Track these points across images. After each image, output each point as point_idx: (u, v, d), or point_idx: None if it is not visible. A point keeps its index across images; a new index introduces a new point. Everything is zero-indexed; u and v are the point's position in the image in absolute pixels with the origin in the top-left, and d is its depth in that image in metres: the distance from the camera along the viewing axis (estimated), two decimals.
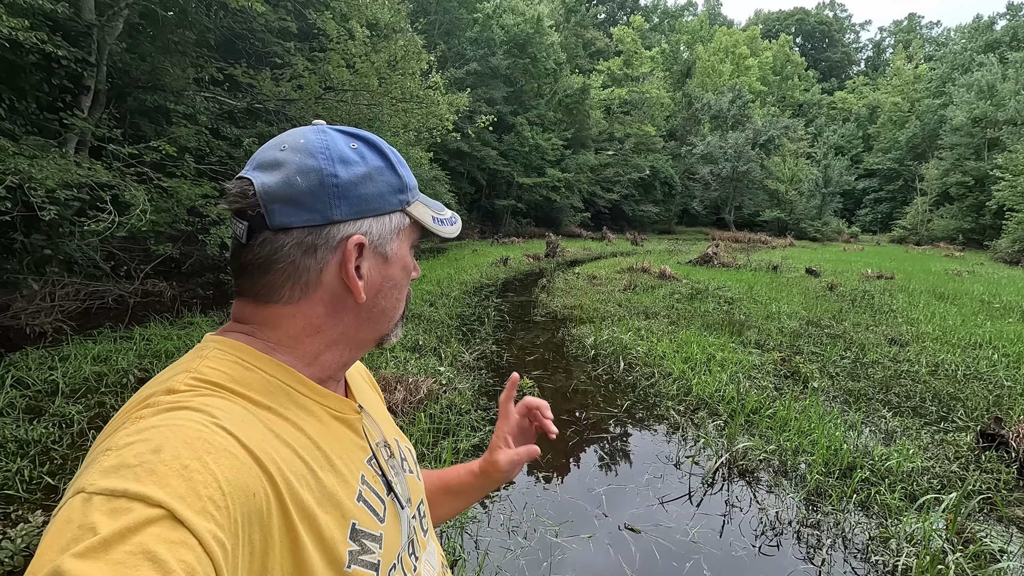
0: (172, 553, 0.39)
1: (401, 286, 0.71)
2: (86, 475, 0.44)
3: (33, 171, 4.91)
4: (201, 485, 0.44)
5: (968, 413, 4.62)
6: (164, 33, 9.49)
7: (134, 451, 0.45)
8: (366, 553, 0.59)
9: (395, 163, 0.69)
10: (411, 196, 0.70)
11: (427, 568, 0.73)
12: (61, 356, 4.99)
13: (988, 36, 52.14)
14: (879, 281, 13.40)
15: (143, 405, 0.54)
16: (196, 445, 0.47)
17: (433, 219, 0.73)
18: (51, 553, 0.38)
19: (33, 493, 2.91)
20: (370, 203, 0.65)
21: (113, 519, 0.39)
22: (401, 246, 0.69)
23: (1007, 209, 25.58)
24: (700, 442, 3.90)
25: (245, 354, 0.62)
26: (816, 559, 2.73)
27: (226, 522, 0.45)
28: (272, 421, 0.58)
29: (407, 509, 0.70)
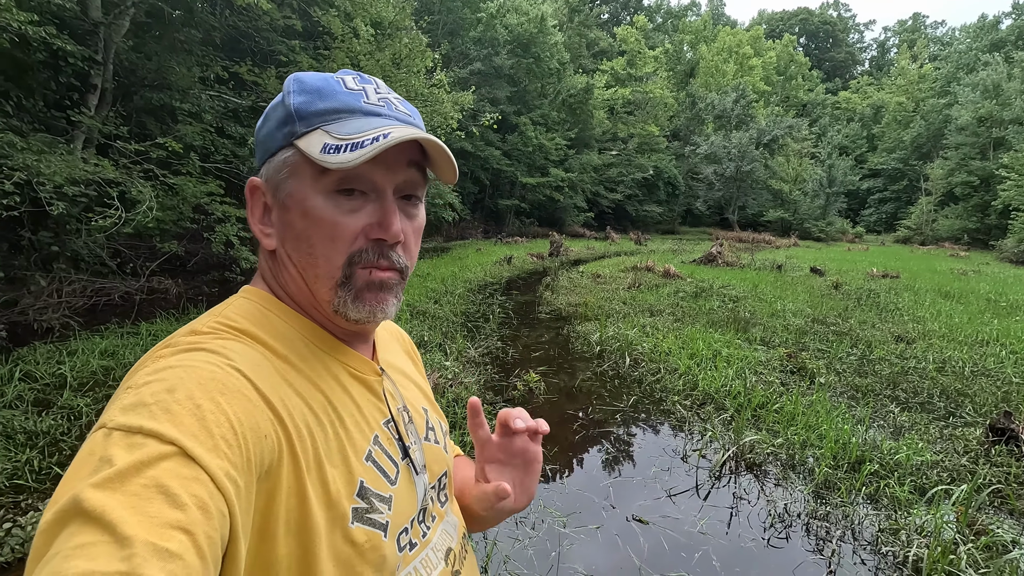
0: (184, 488, 0.40)
1: (307, 238, 0.60)
2: (108, 411, 0.46)
3: (41, 166, 4.93)
4: (213, 424, 0.45)
5: (976, 409, 4.60)
6: (170, 32, 9.53)
7: (151, 390, 0.46)
8: (374, 512, 0.58)
9: (287, 92, 0.61)
10: (301, 126, 0.59)
11: (443, 537, 0.71)
12: (69, 351, 5.02)
13: (993, 35, 51.92)
14: (884, 280, 13.35)
15: (165, 345, 0.56)
16: (210, 386, 0.48)
17: (324, 147, 0.57)
18: (73, 481, 0.39)
19: (43, 483, 2.92)
20: (264, 144, 0.63)
21: (129, 453, 0.40)
22: (298, 187, 0.59)
23: (1013, 209, 25.46)
24: (707, 435, 3.88)
25: (267, 302, 0.64)
26: (826, 551, 2.71)
27: (239, 460, 0.46)
28: (286, 371, 0.58)
29: (423, 476, 0.69)
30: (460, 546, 0.75)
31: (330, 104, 0.59)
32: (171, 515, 0.38)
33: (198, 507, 0.40)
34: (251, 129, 11.87)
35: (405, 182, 0.62)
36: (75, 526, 0.36)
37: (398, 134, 0.55)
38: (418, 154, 0.62)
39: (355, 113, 0.60)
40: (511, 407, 0.78)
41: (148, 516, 0.37)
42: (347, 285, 0.61)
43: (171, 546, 0.37)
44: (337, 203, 0.59)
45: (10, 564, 2.30)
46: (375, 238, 0.60)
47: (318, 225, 0.59)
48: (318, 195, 0.59)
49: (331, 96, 0.60)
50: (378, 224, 0.60)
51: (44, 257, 7.18)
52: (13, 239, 7.13)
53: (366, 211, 0.60)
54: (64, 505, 0.37)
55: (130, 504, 0.37)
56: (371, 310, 0.62)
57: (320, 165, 0.57)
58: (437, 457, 0.75)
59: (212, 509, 0.41)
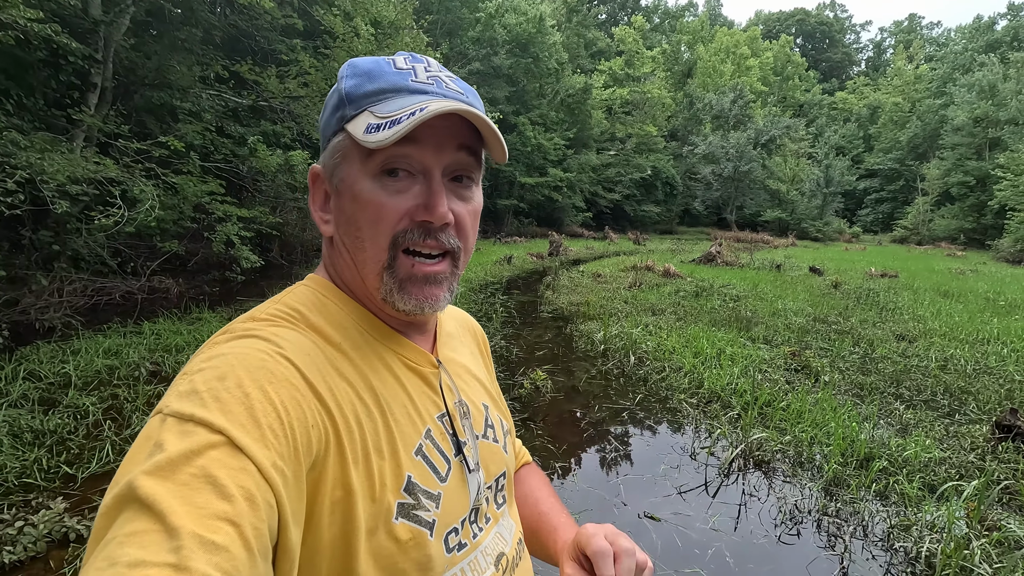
0: (232, 478, 0.41)
1: (355, 222, 0.59)
2: (166, 397, 0.47)
3: (45, 165, 4.91)
4: (261, 414, 0.46)
5: (980, 406, 4.62)
6: (170, 30, 9.50)
7: (203, 377, 0.47)
8: (420, 509, 0.57)
9: (340, 77, 0.61)
10: (350, 109, 0.59)
11: (496, 541, 0.69)
12: (72, 350, 5.00)
13: (989, 36, 52.16)
14: (883, 279, 13.40)
15: (223, 331, 0.57)
16: (258, 374, 0.48)
17: (367, 128, 0.56)
18: (130, 465, 0.42)
19: (52, 482, 2.91)
20: (323, 132, 0.63)
21: (180, 440, 0.42)
22: (349, 172, 0.59)
23: (1009, 209, 25.58)
24: (716, 433, 3.89)
25: (325, 290, 0.65)
26: (837, 547, 2.72)
27: (286, 450, 0.46)
28: (338, 359, 0.58)
29: (477, 474, 0.67)
30: (514, 551, 0.72)
31: (378, 85, 0.59)
32: (218, 506, 0.39)
33: (245, 498, 0.40)
34: (250, 128, 11.84)
35: (455, 163, 0.60)
36: (130, 512, 0.38)
37: (435, 107, 0.54)
38: (471, 138, 0.61)
39: (401, 92, 0.58)
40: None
41: (196, 507, 0.38)
42: (392, 270, 0.60)
43: (217, 538, 0.37)
44: (383, 184, 0.58)
45: (23, 563, 2.29)
46: (421, 220, 0.59)
47: (364, 208, 0.59)
48: (365, 178, 0.58)
49: (379, 77, 0.59)
50: (423, 205, 0.58)
51: (45, 256, 7.14)
52: (14, 238, 7.10)
53: (412, 192, 0.59)
54: (121, 490, 0.39)
55: (179, 494, 0.39)
56: (418, 303, 0.61)
57: (366, 147, 0.56)
58: (495, 456, 0.73)
59: (259, 500, 0.41)
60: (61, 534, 2.43)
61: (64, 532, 2.43)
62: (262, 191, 11.18)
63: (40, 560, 2.32)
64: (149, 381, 4.40)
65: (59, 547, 2.40)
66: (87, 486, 2.90)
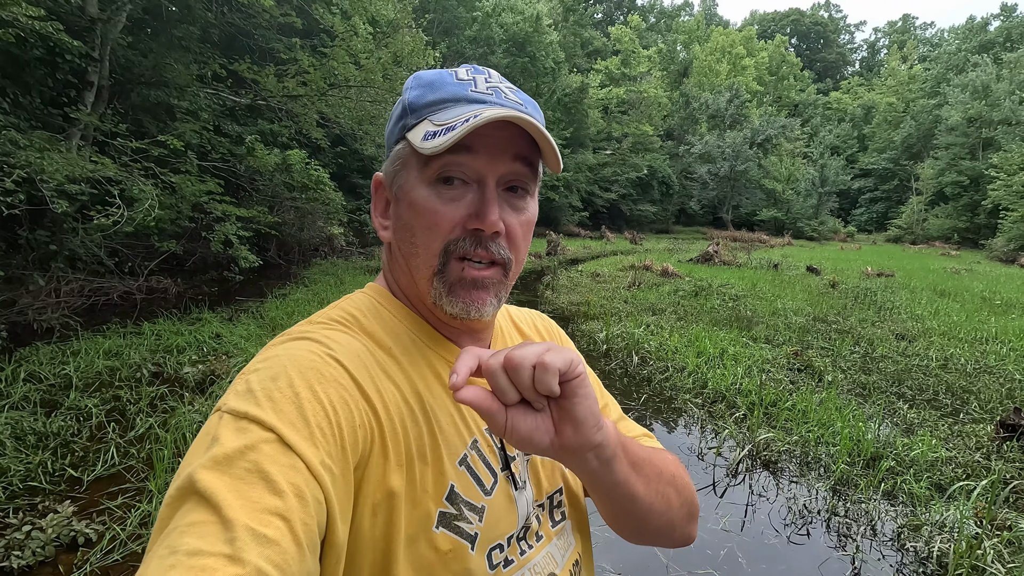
0: (283, 475, 0.42)
1: (410, 228, 0.60)
2: (225, 396, 0.50)
3: (45, 164, 4.86)
4: (310, 412, 0.47)
5: (982, 405, 4.65)
6: (167, 28, 9.43)
7: (258, 377, 0.50)
8: (461, 520, 0.57)
9: (406, 88, 0.63)
10: (412, 119, 0.60)
11: (547, 561, 0.66)
12: (72, 351, 4.95)
13: (982, 37, 52.53)
14: (880, 279, 13.48)
15: (282, 334, 0.60)
16: (308, 375, 0.50)
17: (425, 135, 0.57)
18: (191, 459, 0.44)
19: (57, 484, 2.88)
20: (388, 140, 0.65)
21: (235, 437, 0.44)
22: (407, 179, 0.61)
23: (1002, 208, 25.79)
24: (724, 432, 3.89)
25: (381, 297, 0.66)
26: (848, 547, 2.73)
27: (334, 449, 0.48)
28: (388, 363, 0.59)
29: (525, 491, 0.65)
30: (567, 573, 0.69)
31: (439, 95, 0.60)
32: (270, 501, 0.41)
33: (295, 494, 0.42)
34: (248, 127, 11.80)
35: (510, 173, 0.60)
36: (190, 503, 0.40)
37: (489, 114, 0.54)
38: (528, 148, 0.60)
39: (460, 101, 0.59)
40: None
41: (249, 500, 0.40)
42: (442, 275, 0.60)
43: (269, 532, 0.39)
44: (438, 192, 0.59)
45: (31, 567, 2.26)
46: (472, 228, 0.59)
47: (419, 214, 0.59)
48: (422, 185, 0.59)
49: (441, 87, 0.60)
50: (475, 214, 0.58)
51: (41, 256, 7.07)
52: (10, 238, 7.03)
53: (466, 201, 0.59)
54: (182, 482, 0.42)
55: (234, 487, 0.41)
56: (465, 307, 0.60)
57: (424, 154, 0.57)
58: (550, 472, 0.71)
59: (308, 496, 0.43)
60: (69, 538, 2.40)
61: (73, 536, 2.40)
62: (260, 190, 11.13)
63: (49, 564, 2.29)
64: (151, 382, 4.37)
65: (68, 551, 2.37)
66: (94, 489, 2.87)
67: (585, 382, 0.48)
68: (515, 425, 0.47)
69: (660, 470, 0.65)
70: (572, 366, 0.47)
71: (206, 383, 4.36)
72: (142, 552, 2.38)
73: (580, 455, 0.51)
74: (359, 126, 11.28)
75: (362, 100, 10.57)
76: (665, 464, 0.68)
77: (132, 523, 2.52)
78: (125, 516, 2.60)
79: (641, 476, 0.60)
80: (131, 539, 2.44)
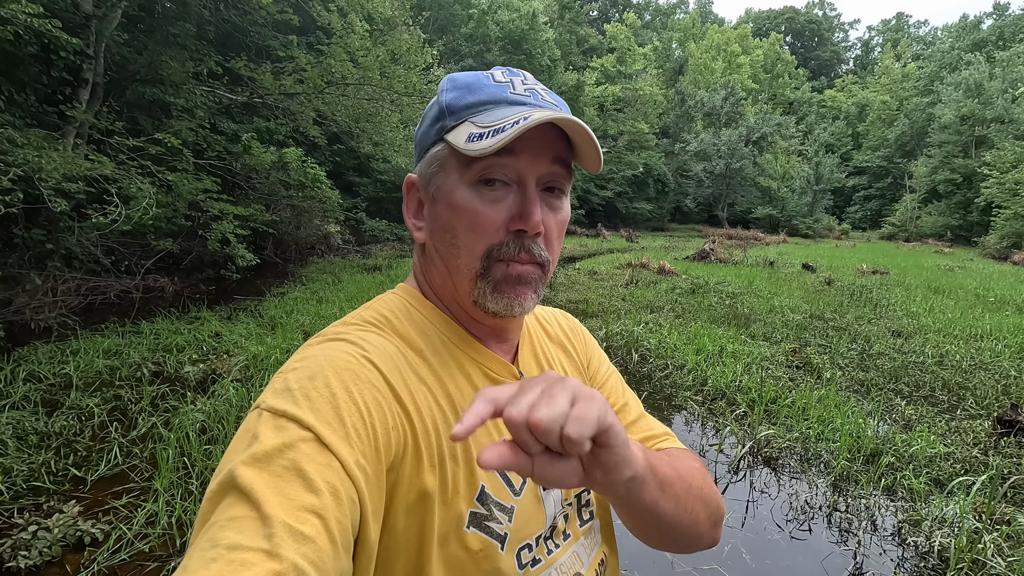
0: (319, 473, 0.43)
1: (451, 229, 0.61)
2: (264, 393, 0.51)
3: (43, 162, 4.82)
4: (346, 413, 0.48)
5: (978, 401, 4.69)
6: (163, 25, 9.37)
7: (296, 376, 0.51)
8: (492, 520, 0.58)
9: (441, 90, 0.63)
10: (451, 120, 0.60)
11: (572, 560, 0.67)
12: (71, 350, 4.94)
13: (975, 35, 52.85)
14: (875, 276, 13.57)
15: (318, 335, 0.60)
16: (344, 375, 0.51)
17: (469, 137, 0.57)
18: (232, 455, 0.45)
19: (61, 484, 2.87)
20: (421, 142, 0.66)
21: (274, 435, 0.45)
22: (446, 180, 0.61)
23: (995, 206, 25.96)
24: (725, 429, 3.92)
25: (412, 298, 0.67)
26: (850, 542, 2.76)
27: (368, 449, 0.48)
28: (419, 365, 0.60)
29: (553, 493, 0.66)
30: (593, 572, 0.70)
31: (478, 97, 0.60)
32: (307, 499, 0.41)
33: (331, 493, 0.43)
34: (244, 125, 11.75)
35: (549, 174, 0.61)
36: (231, 498, 0.42)
37: (539, 116, 0.54)
38: (564, 150, 0.61)
39: (500, 103, 0.60)
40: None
41: (287, 497, 0.41)
42: (486, 277, 0.60)
43: (305, 529, 0.40)
44: (480, 193, 0.59)
45: (38, 567, 2.26)
46: (516, 229, 0.59)
47: (461, 216, 0.60)
48: (463, 186, 0.60)
49: (479, 89, 0.61)
50: (518, 215, 0.59)
51: (37, 255, 7.03)
52: (6, 237, 6.98)
53: (507, 203, 0.59)
54: (224, 478, 0.43)
55: (273, 484, 0.42)
56: (508, 303, 0.61)
57: (466, 156, 0.57)
58: None
59: (343, 495, 0.44)
60: (76, 538, 2.40)
61: (79, 536, 2.40)
62: (256, 189, 11.09)
63: (56, 564, 2.29)
64: (152, 381, 4.35)
65: (74, 551, 2.37)
66: (98, 489, 2.86)
67: (615, 431, 0.44)
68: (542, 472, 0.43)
69: (689, 485, 0.64)
70: (601, 422, 0.43)
71: (207, 382, 4.35)
72: (149, 551, 2.39)
73: (609, 488, 0.49)
74: (356, 124, 11.25)
75: (359, 98, 10.54)
76: (693, 477, 0.67)
77: (138, 522, 2.52)
78: (131, 516, 2.60)
79: (669, 496, 0.59)
80: (138, 538, 2.44)
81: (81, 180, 6.09)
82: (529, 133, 0.56)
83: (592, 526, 0.73)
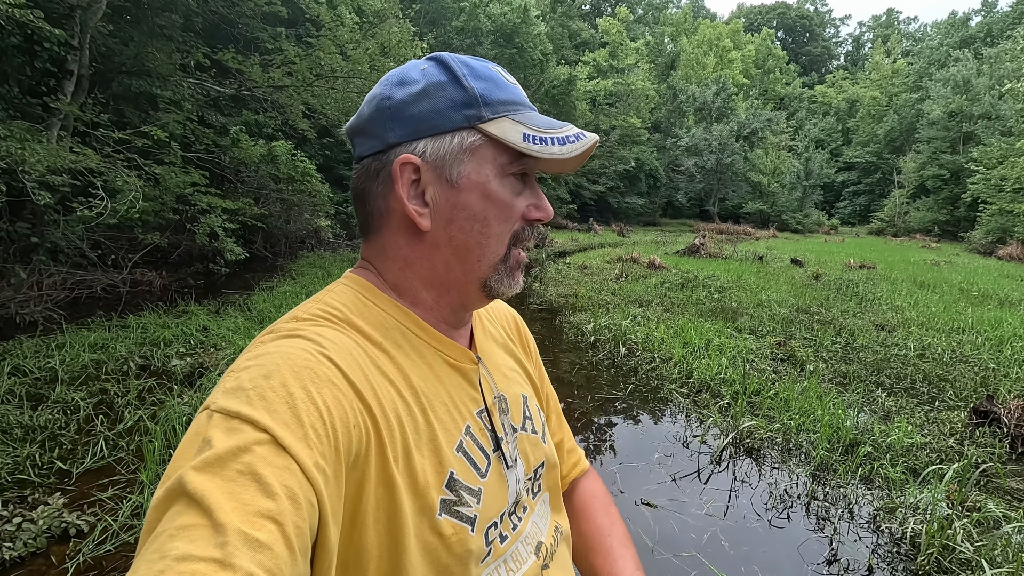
0: (276, 477, 0.42)
1: (483, 218, 0.62)
2: (213, 393, 0.49)
3: (26, 154, 4.77)
4: (304, 413, 0.47)
5: (957, 393, 4.78)
6: (149, 16, 9.26)
7: (249, 375, 0.48)
8: (461, 505, 0.59)
9: (462, 76, 0.61)
10: (487, 112, 0.61)
11: (533, 530, 0.71)
12: (57, 344, 4.90)
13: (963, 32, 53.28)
14: (862, 271, 13.71)
15: (268, 331, 0.58)
16: (303, 374, 0.49)
17: (527, 137, 0.60)
18: (180, 460, 0.43)
19: (46, 477, 2.87)
20: (425, 121, 0.61)
21: (227, 437, 0.43)
22: (477, 169, 0.61)
23: (981, 201, 26.25)
24: (709, 421, 3.98)
25: (365, 290, 0.65)
26: (826, 529, 2.82)
27: (327, 450, 0.47)
28: (380, 358, 0.59)
29: (516, 469, 0.68)
30: (551, 539, 0.74)
31: (507, 95, 0.63)
32: (263, 504, 0.40)
33: (288, 497, 0.41)
34: (232, 118, 11.63)
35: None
36: (179, 506, 0.39)
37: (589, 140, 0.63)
38: None
39: (525, 107, 0.65)
40: None
41: (242, 503, 0.39)
42: (505, 261, 0.66)
43: (261, 536, 0.38)
44: (508, 185, 0.64)
45: (23, 558, 2.27)
46: (534, 218, 0.66)
47: (497, 207, 0.63)
48: (497, 178, 0.63)
49: (503, 87, 0.64)
50: (535, 206, 0.66)
51: (22, 248, 6.96)
52: None
53: (525, 195, 0.65)
54: (172, 484, 0.41)
55: (227, 490, 0.40)
56: (512, 284, 0.67)
57: (512, 151, 0.62)
58: (534, 447, 0.74)
59: (301, 499, 0.42)
60: (61, 530, 2.41)
61: (64, 528, 2.41)
62: (245, 182, 11.00)
63: (41, 556, 2.30)
64: (139, 375, 4.35)
65: (59, 543, 2.38)
66: (83, 481, 2.87)
67: None
68: None
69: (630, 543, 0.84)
70: None
71: (195, 376, 4.35)
72: (135, 542, 2.40)
73: None
74: (346, 117, 11.15)
75: (349, 91, 10.48)
76: (624, 530, 0.87)
77: (124, 514, 2.53)
78: (117, 507, 2.61)
79: None
80: (123, 529, 2.46)
81: (66, 173, 6.03)
82: None
83: (542, 498, 0.76)
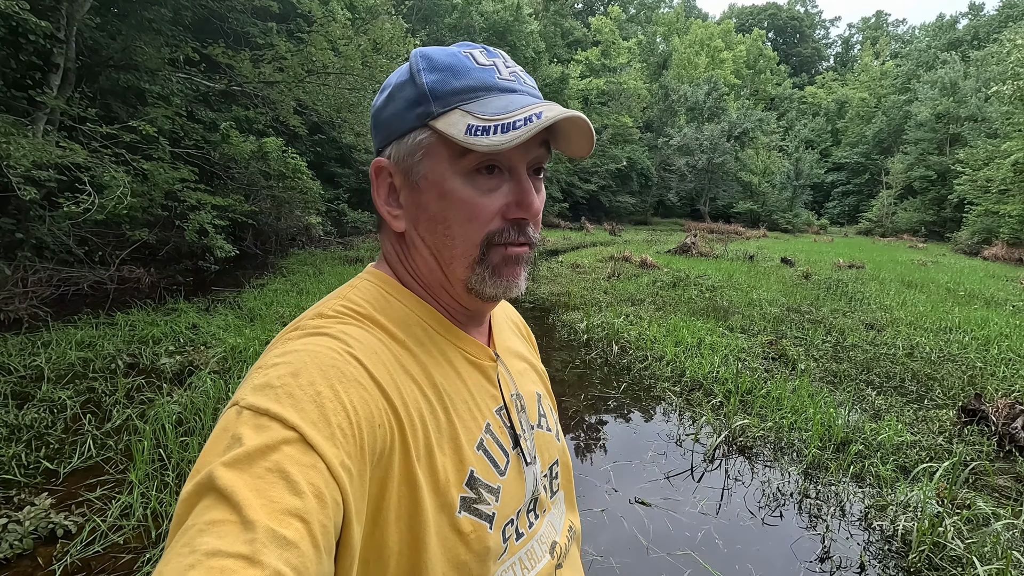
0: (303, 475, 0.42)
1: (442, 219, 0.60)
2: (241, 389, 0.49)
3: (11, 149, 4.69)
4: (331, 412, 0.47)
5: (945, 392, 4.84)
6: (137, 10, 9.13)
7: (278, 372, 0.48)
8: (481, 503, 0.58)
9: (417, 71, 0.58)
10: (436, 106, 0.57)
11: (549, 529, 0.71)
12: (43, 342, 4.83)
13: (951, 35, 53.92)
14: (851, 270, 13.85)
15: (294, 327, 0.58)
16: (330, 373, 0.49)
17: (469, 128, 0.55)
18: (209, 456, 0.43)
19: (33, 477, 2.82)
20: (390, 125, 0.61)
21: (256, 434, 0.43)
22: (434, 168, 0.59)
23: (967, 202, 26.61)
24: (702, 419, 3.99)
25: (388, 285, 0.65)
26: (819, 527, 2.84)
27: (353, 449, 0.47)
28: (403, 356, 0.59)
29: (534, 466, 0.68)
30: (565, 539, 0.74)
31: (465, 82, 0.57)
32: (290, 502, 0.40)
33: (315, 495, 0.41)
34: (222, 114, 11.52)
35: (536, 158, 0.61)
36: (209, 501, 0.40)
37: (550, 114, 0.54)
38: (546, 132, 0.61)
39: (491, 91, 0.58)
40: None
41: (270, 500, 0.40)
42: (484, 262, 0.60)
43: (288, 534, 0.39)
44: (475, 184, 0.58)
45: (9, 560, 2.23)
46: (515, 217, 0.60)
47: (456, 207, 0.58)
48: (456, 176, 0.58)
49: (465, 73, 0.58)
50: (516, 204, 0.59)
51: (7, 245, 6.84)
52: None
53: (502, 191, 0.59)
54: (202, 479, 0.41)
55: (255, 487, 0.40)
56: (506, 286, 0.62)
57: (461, 146, 0.55)
58: (548, 445, 0.74)
59: (327, 498, 0.42)
60: (48, 530, 2.37)
61: (51, 528, 2.37)
62: (235, 179, 10.90)
63: (27, 557, 2.26)
64: (127, 374, 4.29)
65: (46, 544, 2.34)
66: (71, 481, 2.82)
67: None
68: None
69: None
70: None
71: (184, 374, 4.30)
72: (124, 543, 2.37)
73: None
74: (337, 114, 11.10)
75: (340, 87, 10.40)
76: None
77: (112, 514, 2.50)
78: (105, 508, 2.57)
79: None
80: (112, 530, 2.42)
81: (52, 168, 5.94)
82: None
83: (558, 497, 0.76)
